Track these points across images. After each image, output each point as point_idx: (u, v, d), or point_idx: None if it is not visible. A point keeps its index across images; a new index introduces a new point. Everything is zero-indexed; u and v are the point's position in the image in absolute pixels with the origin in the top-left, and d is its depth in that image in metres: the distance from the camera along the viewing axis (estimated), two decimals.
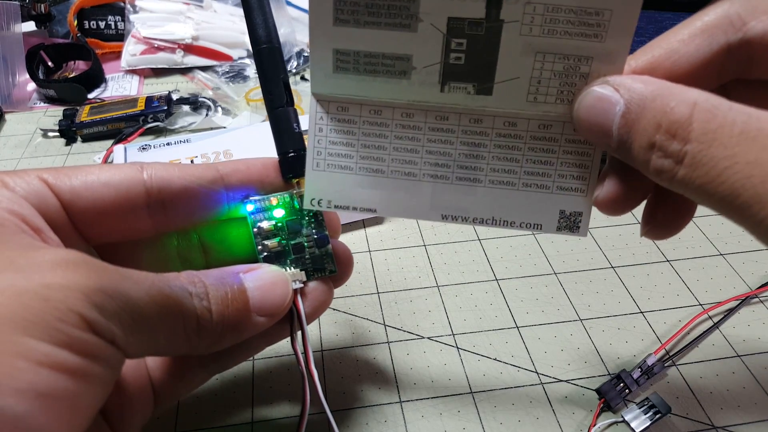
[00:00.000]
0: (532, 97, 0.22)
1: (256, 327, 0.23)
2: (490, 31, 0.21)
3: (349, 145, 0.24)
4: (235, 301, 0.22)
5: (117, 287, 0.18)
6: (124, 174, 0.23)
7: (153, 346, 0.20)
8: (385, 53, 0.22)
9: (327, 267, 0.26)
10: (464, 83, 0.22)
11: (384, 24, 0.21)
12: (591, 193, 0.23)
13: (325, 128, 0.23)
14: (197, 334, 0.21)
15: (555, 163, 0.23)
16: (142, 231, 0.24)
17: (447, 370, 0.32)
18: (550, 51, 0.21)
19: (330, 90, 0.23)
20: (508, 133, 0.23)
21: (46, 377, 0.15)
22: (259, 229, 0.25)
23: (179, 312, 0.20)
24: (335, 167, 0.24)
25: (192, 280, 0.21)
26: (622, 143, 0.19)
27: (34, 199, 0.21)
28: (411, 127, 0.23)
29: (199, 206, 0.24)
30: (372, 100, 0.23)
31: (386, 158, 0.24)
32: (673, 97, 0.18)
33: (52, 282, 0.16)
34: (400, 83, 0.22)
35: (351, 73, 0.22)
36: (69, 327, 0.16)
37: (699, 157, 0.17)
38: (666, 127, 0.18)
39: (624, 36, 0.20)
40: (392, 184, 0.24)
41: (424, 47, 0.21)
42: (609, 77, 0.20)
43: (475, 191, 0.24)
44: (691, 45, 0.20)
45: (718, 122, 0.17)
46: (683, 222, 0.23)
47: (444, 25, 0.21)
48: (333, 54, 0.22)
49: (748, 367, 0.32)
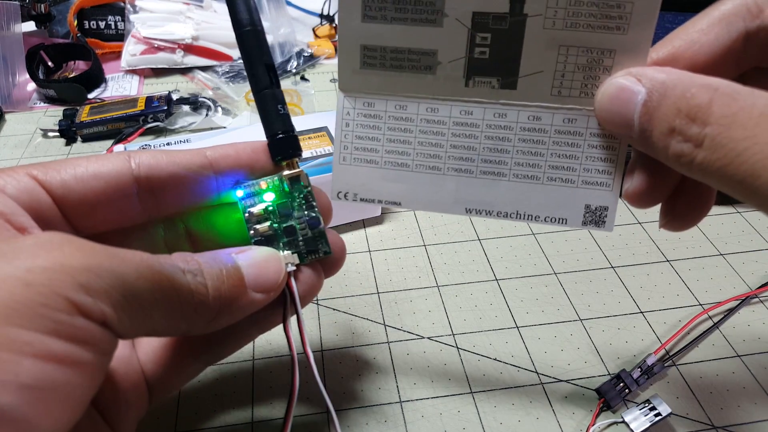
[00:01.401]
0: (556, 91, 0.22)
1: (253, 304, 0.22)
2: (514, 26, 0.21)
3: (375, 139, 0.24)
4: (230, 278, 0.21)
5: (104, 265, 0.17)
6: (113, 164, 0.23)
7: (148, 324, 0.19)
8: (411, 48, 0.22)
9: (321, 248, 0.25)
10: (489, 77, 0.22)
11: (410, 20, 0.22)
12: (617, 187, 0.23)
13: (351, 123, 0.24)
14: (194, 311, 0.20)
15: (580, 157, 0.23)
16: (132, 219, 0.24)
17: (447, 370, 0.32)
18: (573, 44, 0.21)
19: (357, 86, 0.23)
20: (532, 127, 0.23)
21: (32, 368, 0.15)
22: (249, 214, 0.25)
23: (172, 288, 0.19)
24: (361, 161, 0.25)
25: (184, 258, 0.21)
26: (643, 132, 0.19)
27: (25, 197, 0.21)
28: (436, 122, 0.24)
29: (188, 192, 0.24)
30: (398, 95, 0.23)
31: (411, 152, 0.24)
32: (694, 83, 0.18)
33: (35, 265, 0.16)
34: (426, 78, 0.23)
35: (378, 69, 0.23)
36: (55, 312, 0.16)
37: (718, 139, 0.17)
38: (686, 112, 0.18)
39: (646, 28, 0.20)
40: (417, 178, 0.24)
41: (449, 42, 0.22)
42: (631, 68, 0.21)
43: (499, 185, 0.24)
44: (711, 34, 0.20)
45: (739, 105, 0.17)
46: (702, 214, 0.24)
47: (469, 19, 0.21)
48: (360, 50, 0.23)
49: (748, 367, 0.32)
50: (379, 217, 0.42)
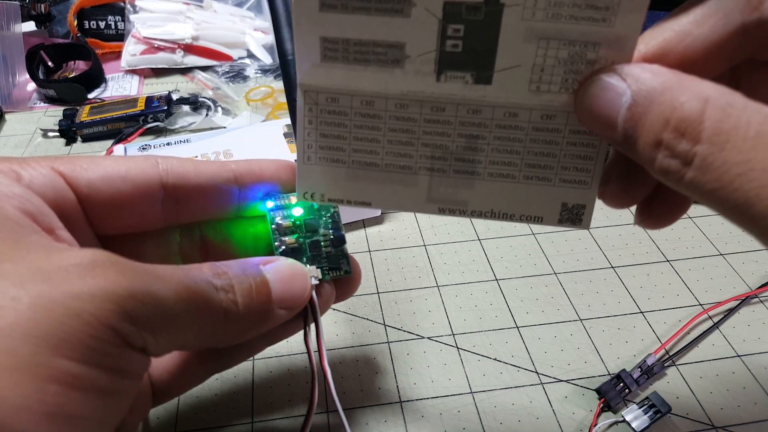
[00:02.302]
0: (534, 86, 0.21)
1: (277, 319, 0.22)
2: (490, 16, 0.19)
3: (341, 137, 0.23)
4: (259, 294, 0.21)
5: (147, 289, 0.17)
6: (141, 168, 0.22)
7: (180, 342, 0.19)
8: (376, 41, 0.20)
9: (342, 267, 0.26)
10: (462, 72, 0.21)
11: (374, 9, 0.20)
12: (596, 185, 0.22)
13: (314, 120, 0.23)
14: (224, 328, 0.20)
15: (558, 155, 0.22)
16: (152, 224, 0.24)
17: (447, 370, 0.32)
18: (554, 37, 0.20)
19: (318, 81, 0.22)
20: (508, 124, 0.22)
21: (77, 400, 0.15)
22: (277, 226, 0.25)
23: (206, 307, 0.19)
24: (327, 160, 0.23)
25: (216, 272, 0.20)
26: (627, 138, 0.18)
27: (50, 194, 0.20)
28: (405, 119, 0.22)
29: (212, 203, 0.24)
30: (364, 90, 0.22)
31: (380, 151, 0.23)
32: (684, 90, 0.17)
33: (82, 291, 0.16)
34: (393, 72, 0.21)
35: (340, 63, 0.21)
36: (102, 344, 0.16)
37: (710, 160, 0.16)
38: (675, 125, 0.17)
39: (634, 20, 0.19)
40: (387, 177, 0.23)
41: (419, 34, 0.20)
42: (616, 65, 0.19)
43: (474, 184, 0.23)
44: (705, 26, 0.19)
45: (732, 122, 0.16)
46: (678, 215, 0.23)
47: (439, 10, 0.19)
48: (320, 42, 0.21)
49: (748, 367, 0.32)
50: (379, 217, 0.42)
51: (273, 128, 0.46)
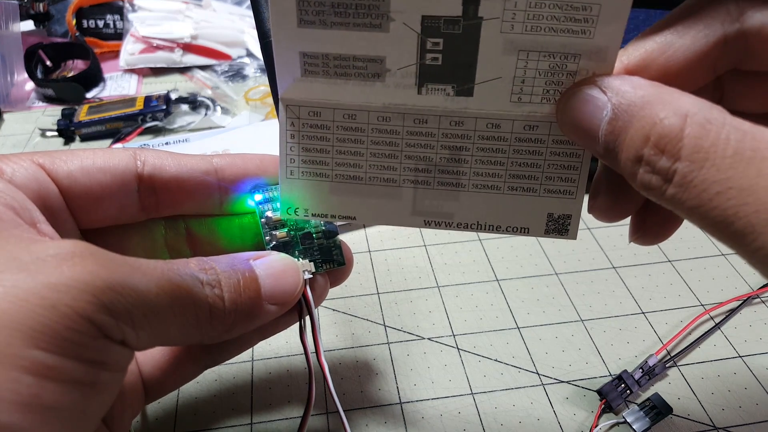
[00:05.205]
0: (516, 98, 0.21)
1: (267, 315, 0.22)
2: (468, 30, 0.19)
3: (324, 151, 0.23)
4: (247, 290, 0.21)
5: (126, 281, 0.17)
6: (119, 158, 0.23)
7: (163, 337, 0.19)
8: (356, 55, 0.20)
9: (335, 258, 0.25)
10: (443, 84, 0.21)
11: (353, 24, 0.20)
12: (581, 194, 0.22)
13: (297, 135, 0.23)
14: (209, 323, 0.20)
15: (542, 165, 0.22)
16: (132, 216, 0.24)
17: (447, 371, 0.32)
18: (534, 49, 0.20)
19: (299, 95, 0.22)
20: (491, 135, 0.22)
21: (52, 391, 0.15)
22: (267, 219, 0.25)
23: (191, 302, 0.19)
24: (310, 175, 0.23)
25: (203, 267, 0.20)
26: (609, 151, 0.18)
27: (33, 186, 0.20)
28: (388, 132, 0.22)
29: (191, 195, 0.24)
30: (345, 103, 0.22)
31: (363, 164, 0.23)
32: (664, 106, 0.17)
33: (59, 281, 0.16)
34: (374, 86, 0.21)
35: (321, 77, 0.21)
36: (78, 335, 0.16)
37: (690, 177, 0.16)
38: (654, 141, 0.16)
39: (614, 32, 0.19)
40: (371, 191, 0.23)
41: (398, 48, 0.20)
42: (597, 77, 0.19)
43: (459, 196, 0.23)
44: (687, 37, 0.19)
45: (711, 140, 0.16)
46: (672, 230, 0.23)
47: (418, 24, 0.20)
48: (300, 57, 0.21)
49: (750, 367, 0.32)
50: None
51: (272, 127, 0.46)
